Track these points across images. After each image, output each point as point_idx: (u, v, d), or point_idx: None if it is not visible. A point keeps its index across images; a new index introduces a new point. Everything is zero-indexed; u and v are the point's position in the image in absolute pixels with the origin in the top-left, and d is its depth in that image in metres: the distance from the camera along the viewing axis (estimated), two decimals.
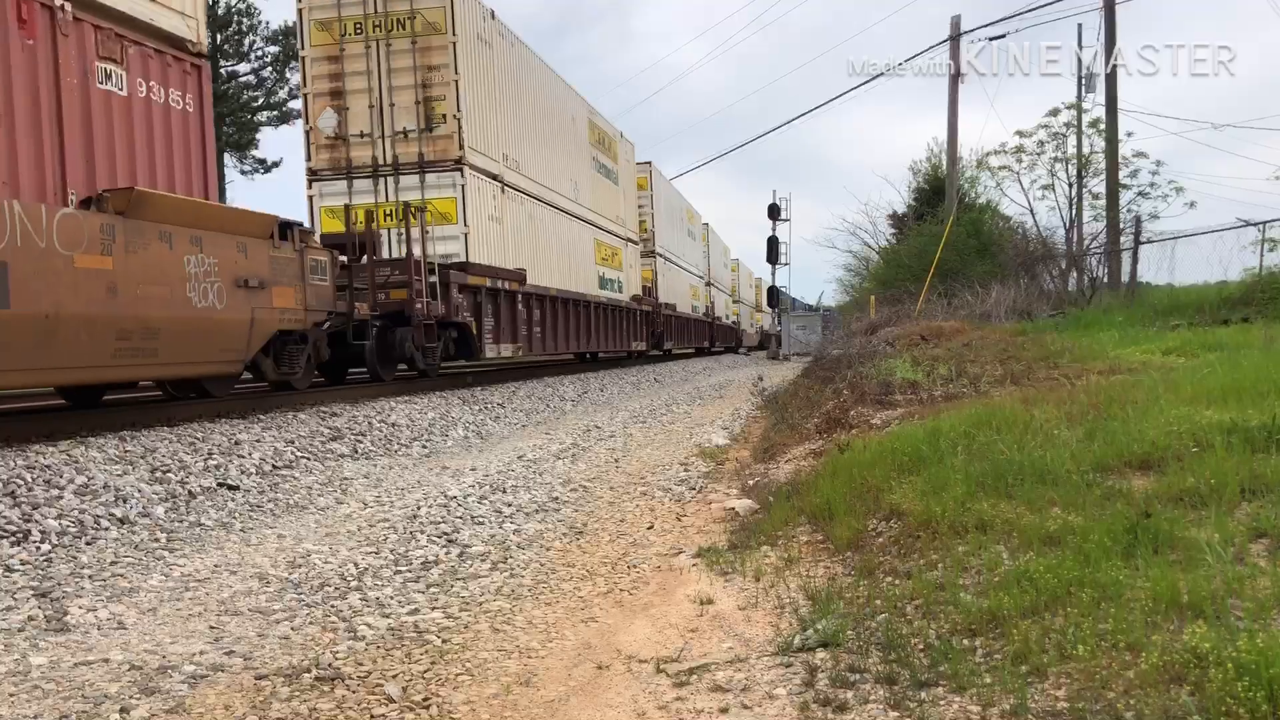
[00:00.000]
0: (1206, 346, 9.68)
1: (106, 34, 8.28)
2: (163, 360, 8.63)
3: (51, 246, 7.21)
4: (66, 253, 7.34)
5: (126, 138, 8.55)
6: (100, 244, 7.70)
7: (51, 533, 5.53)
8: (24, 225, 6.98)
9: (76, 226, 7.47)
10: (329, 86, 15.31)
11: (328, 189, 15.45)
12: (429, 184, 15.10)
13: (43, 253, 7.12)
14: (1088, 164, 26.61)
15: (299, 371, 11.26)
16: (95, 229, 7.65)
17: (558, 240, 20.19)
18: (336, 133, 15.37)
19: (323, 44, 15.21)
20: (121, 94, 8.50)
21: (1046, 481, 4.49)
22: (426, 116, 15.01)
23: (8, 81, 7.34)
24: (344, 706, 3.20)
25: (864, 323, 25.91)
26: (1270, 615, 2.85)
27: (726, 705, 3.11)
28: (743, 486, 7.24)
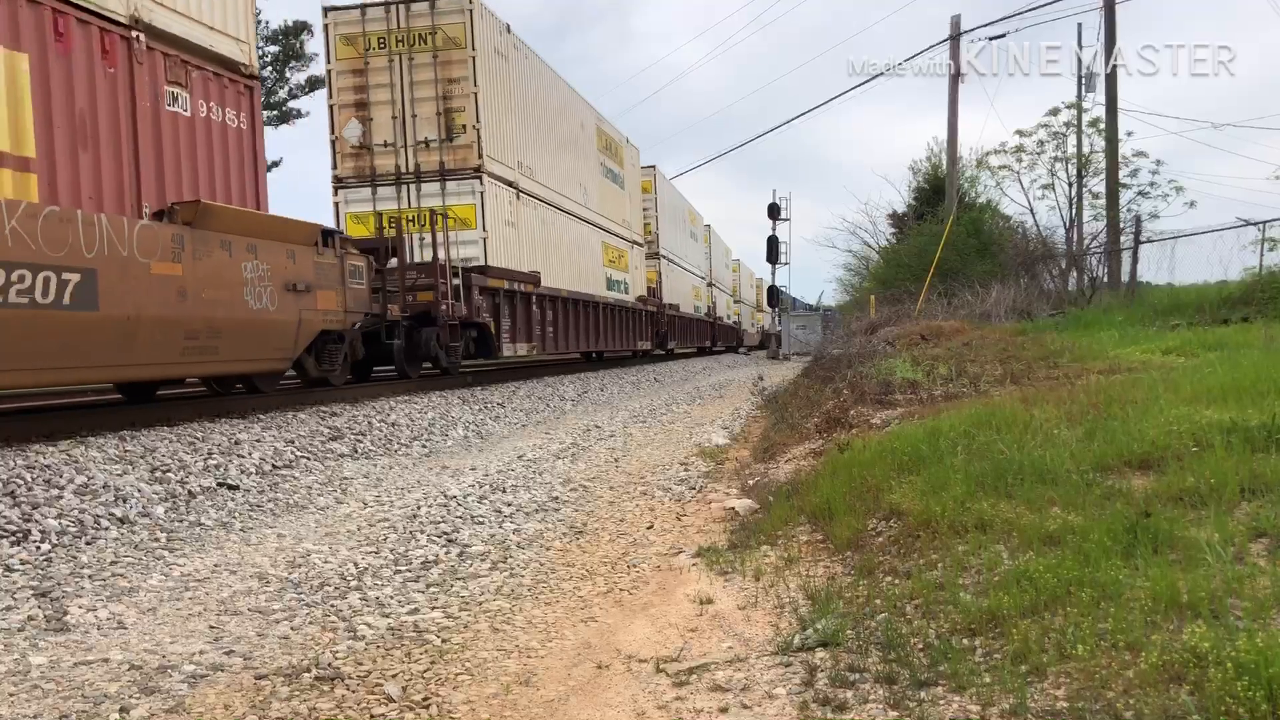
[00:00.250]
0: (1206, 346, 9.68)
1: (173, 60, 9.14)
2: (223, 358, 9.49)
3: (132, 255, 7.99)
4: (144, 260, 8.12)
5: (190, 154, 9.35)
6: (172, 252, 8.51)
7: (51, 532, 5.53)
8: (110, 236, 7.73)
9: (152, 236, 8.26)
10: (354, 98, 16.01)
11: (353, 196, 16.12)
12: (449, 191, 15.78)
13: (125, 261, 7.88)
14: (1088, 163, 26.62)
15: (337, 369, 12.15)
16: (168, 239, 8.47)
17: (568, 243, 20.88)
18: (361, 142, 16.04)
19: (348, 58, 15.92)
20: (185, 114, 9.33)
21: (1046, 481, 4.49)
22: (447, 127, 15.73)
23: (94, 107, 8.13)
24: (344, 706, 3.20)
25: (864, 322, 25.91)
26: (1270, 615, 2.85)
27: (726, 705, 3.11)
28: (743, 486, 7.24)
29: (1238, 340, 9.97)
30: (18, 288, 6.86)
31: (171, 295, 8.42)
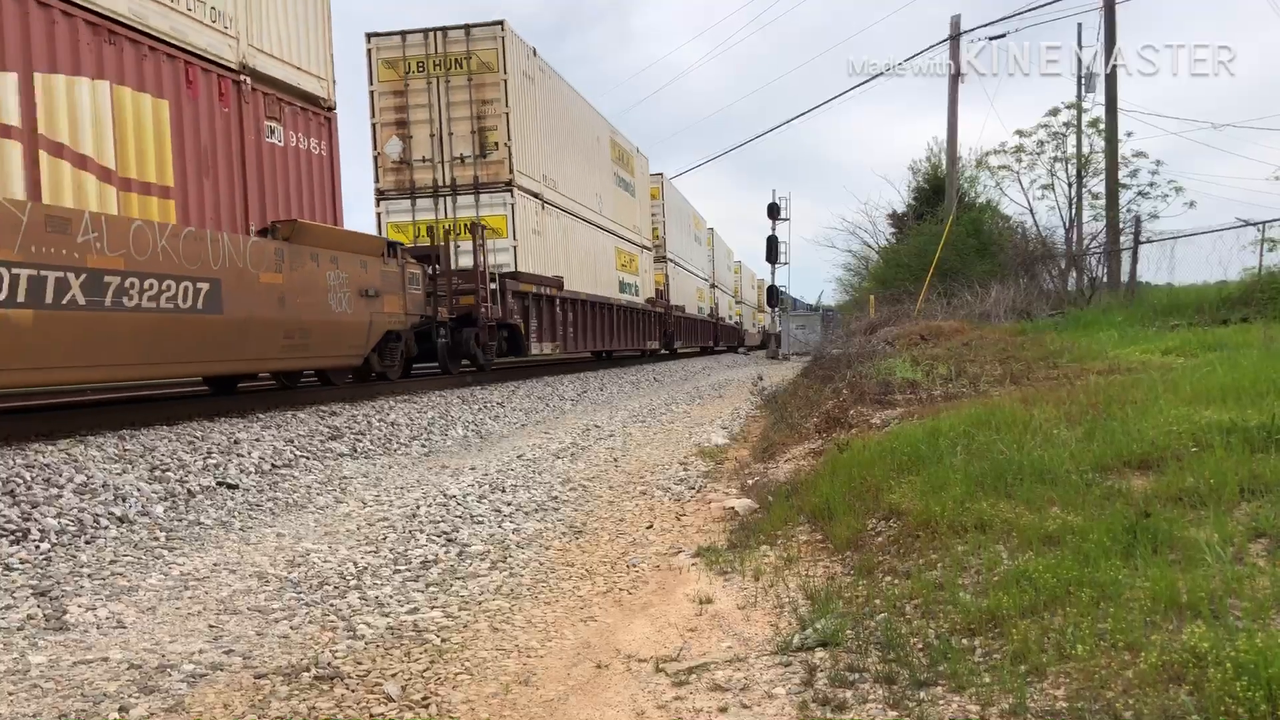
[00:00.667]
0: (1206, 346, 9.68)
1: (270, 98, 10.70)
2: (311, 355, 11.03)
3: (246, 267, 9.43)
4: (255, 271, 9.60)
5: (283, 178, 10.88)
6: (274, 264, 10.00)
7: (51, 531, 5.53)
8: (229, 251, 9.22)
9: (260, 251, 9.80)
10: (395, 117, 17.50)
11: (394, 207, 17.69)
12: (483, 203, 17.39)
13: (241, 272, 9.34)
14: (1087, 164, 26.63)
15: (396, 365, 13.56)
16: (271, 252, 9.99)
17: (585, 249, 22.36)
18: (401, 158, 17.55)
19: (389, 80, 17.41)
20: (280, 144, 10.87)
21: (1046, 481, 4.49)
22: (481, 144, 17.31)
23: (213, 141, 9.65)
24: (343, 705, 3.20)
25: (863, 322, 25.93)
26: (1269, 615, 2.85)
27: (725, 704, 3.11)
28: (742, 486, 7.24)
29: (1237, 341, 9.97)
30: (165, 295, 8.34)
31: (274, 301, 9.92)
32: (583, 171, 22.35)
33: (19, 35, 7.44)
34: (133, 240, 8.01)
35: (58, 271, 7.28)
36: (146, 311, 8.12)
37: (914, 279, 26.57)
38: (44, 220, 7.21)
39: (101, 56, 8.24)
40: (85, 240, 7.54)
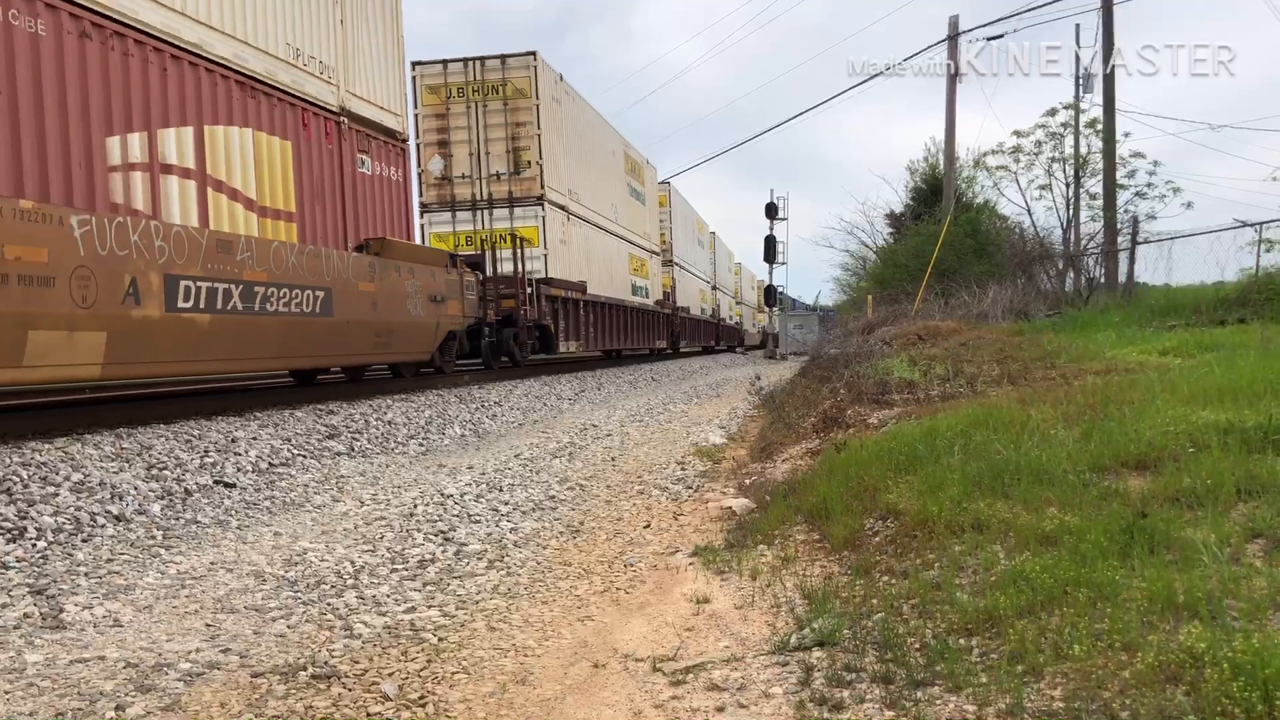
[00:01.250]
0: (1203, 347, 9.69)
1: (361, 134, 12.63)
2: (393, 351, 12.99)
3: (349, 278, 11.36)
4: (355, 281, 11.52)
5: (370, 202, 12.80)
6: (368, 275, 11.89)
7: (47, 530, 5.52)
8: (337, 264, 11.20)
9: (358, 264, 11.71)
10: (436, 138, 19.36)
11: (436, 219, 19.57)
12: (517, 216, 19.28)
13: (345, 281, 11.26)
14: (1085, 164, 26.66)
15: (452, 360, 15.55)
16: (365, 265, 11.88)
17: (603, 256, 24.30)
18: (443, 174, 19.40)
19: (432, 104, 19.26)
20: (367, 173, 12.83)
21: (1043, 481, 4.50)
22: (515, 162, 19.19)
23: (321, 173, 11.60)
24: (340, 704, 3.20)
25: (861, 322, 25.92)
26: (1266, 615, 2.85)
27: (723, 704, 3.11)
28: (739, 486, 7.24)
29: (1234, 341, 9.98)
30: (294, 301, 10.18)
31: (369, 306, 11.78)
32: (601, 184, 24.31)
33: (195, 97, 9.35)
34: (272, 257, 9.92)
35: (224, 284, 9.10)
36: (281, 315, 10.02)
37: (911, 279, 26.59)
38: (215, 243, 9.05)
39: (246, 109, 10.17)
40: (241, 258, 9.38)
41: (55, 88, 7.76)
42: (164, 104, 8.94)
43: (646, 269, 29.80)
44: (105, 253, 7.73)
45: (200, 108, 9.41)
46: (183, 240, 8.63)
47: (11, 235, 6.85)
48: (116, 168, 8.40)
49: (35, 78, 7.56)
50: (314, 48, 11.51)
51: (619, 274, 25.88)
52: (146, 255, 8.17)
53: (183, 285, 8.60)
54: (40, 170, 7.60)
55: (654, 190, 32.49)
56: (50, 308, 7.22)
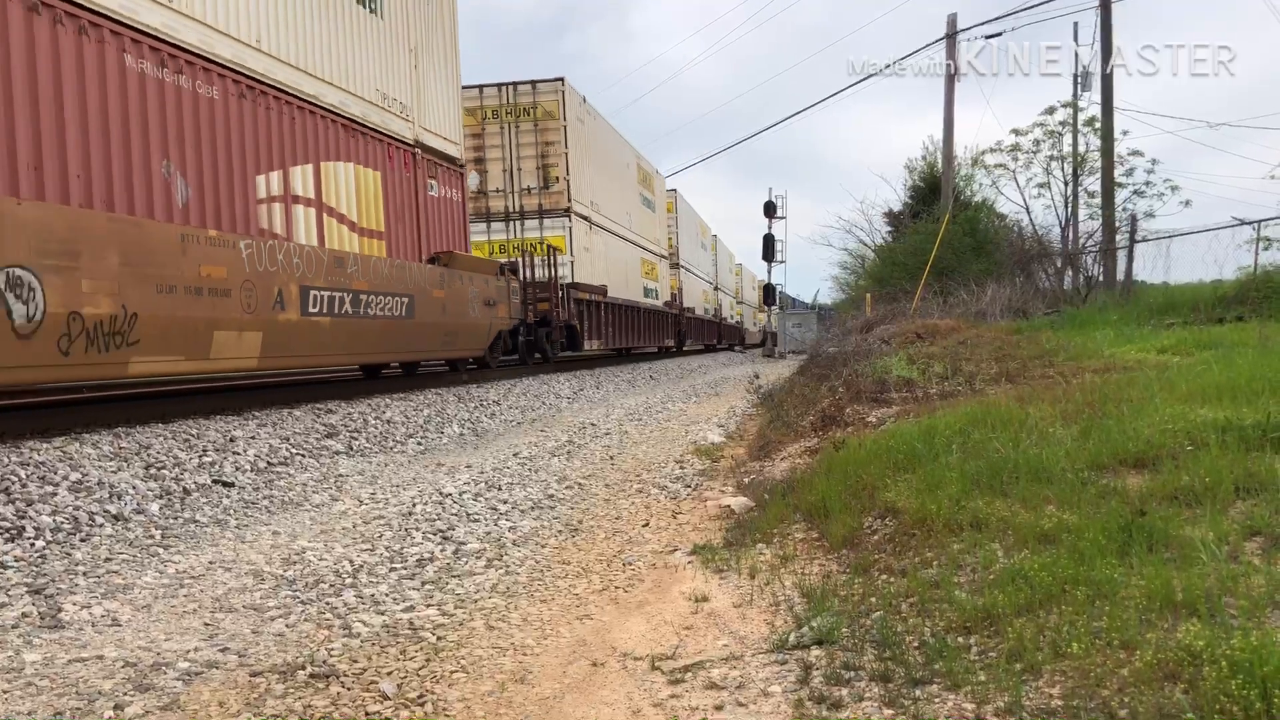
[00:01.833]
0: (1201, 345, 9.70)
1: (430, 162, 14.80)
2: (456, 348, 15.32)
3: (425, 286, 13.46)
4: (429, 289, 13.61)
5: (437, 220, 15.02)
6: (439, 283, 14.04)
7: (46, 529, 5.52)
8: (416, 275, 13.33)
9: (432, 274, 13.93)
10: (473, 155, 20.76)
11: (472, 229, 20.55)
12: (546, 226, 21.29)
13: (423, 289, 13.37)
14: (1083, 162, 26.71)
15: (498, 356, 17.47)
16: (437, 275, 14.07)
17: (620, 261, 26.49)
18: (479, 189, 21.09)
19: (469, 125, 20.37)
20: (434, 195, 14.97)
21: (1041, 480, 4.50)
22: (544, 178, 21.27)
23: (402, 197, 13.66)
24: (339, 703, 3.20)
25: (860, 321, 25.93)
26: (1264, 613, 2.85)
27: (721, 702, 3.11)
28: (738, 484, 7.24)
29: (1233, 339, 9.99)
30: (388, 306, 12.29)
31: (440, 310, 13.93)
32: (618, 194, 26.56)
33: (313, 139, 11.40)
34: (371, 270, 12.00)
35: (339, 292, 11.18)
36: (379, 317, 12.07)
37: (910, 278, 26.60)
38: (332, 259, 11.16)
39: (348, 146, 12.22)
40: (350, 271, 11.52)
41: (224, 139, 9.77)
42: (293, 146, 11.01)
43: (656, 272, 32.01)
44: (261, 269, 9.76)
45: (317, 148, 11.51)
46: (310, 257, 10.72)
47: (204, 258, 8.87)
48: (262, 200, 10.45)
49: (211, 133, 9.57)
50: (396, 91, 13.66)
51: (633, 278, 28.09)
52: (287, 270, 10.24)
53: (312, 294, 10.68)
54: (215, 204, 9.61)
55: (663, 197, 34.59)
56: (227, 313, 9.25)
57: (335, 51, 11.90)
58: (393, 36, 13.52)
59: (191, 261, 8.71)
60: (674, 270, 36.07)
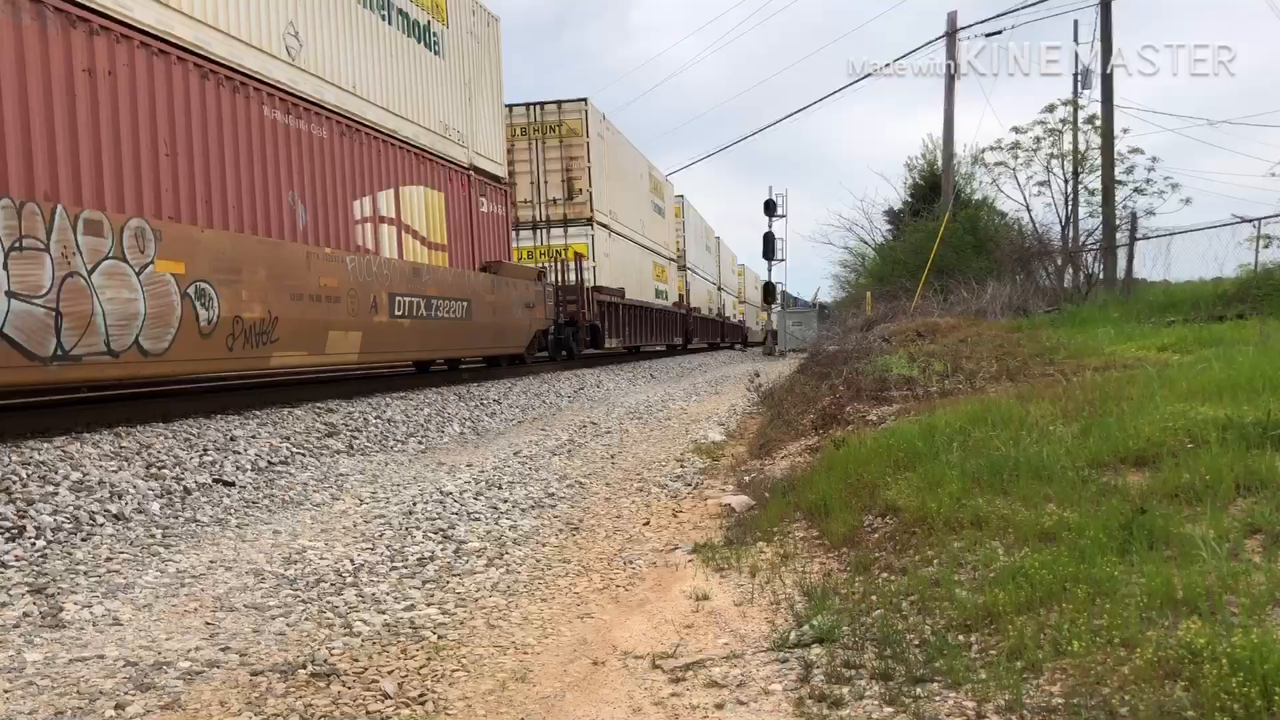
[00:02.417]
0: (1202, 343, 9.69)
1: (480, 182, 16.75)
2: (503, 346, 17.43)
3: (479, 291, 15.63)
4: (482, 293, 15.77)
5: (486, 233, 16.90)
6: (490, 288, 16.17)
7: (46, 529, 5.52)
8: (473, 282, 15.50)
9: (485, 280, 16.06)
10: None
11: None
12: (570, 234, 23.11)
13: (478, 293, 15.56)
14: (1084, 160, 26.69)
15: (533, 352, 19.27)
16: (489, 281, 16.19)
17: (635, 265, 28.43)
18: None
19: None
20: (484, 211, 16.90)
21: (1042, 478, 4.50)
22: (569, 190, 23.02)
23: (459, 214, 15.64)
24: (339, 702, 3.20)
25: (860, 319, 25.93)
26: (1265, 611, 2.85)
27: (722, 701, 3.11)
28: (739, 483, 7.24)
29: (1233, 337, 9.98)
30: (452, 309, 14.40)
31: (491, 312, 16.11)
32: (633, 203, 28.51)
33: (393, 168, 13.35)
34: (439, 278, 14.17)
35: (416, 298, 13.22)
36: (445, 319, 14.19)
37: (910, 276, 26.59)
38: (411, 270, 13.28)
39: (419, 172, 14.18)
40: (424, 279, 13.61)
41: (330, 172, 11.67)
42: (379, 174, 12.90)
43: (666, 275, 34.10)
44: (360, 279, 11.80)
45: (396, 174, 13.43)
46: (395, 268, 12.85)
47: (322, 270, 10.94)
48: (358, 220, 12.36)
49: (321, 166, 11.45)
50: (454, 121, 15.69)
51: (646, 280, 30.15)
52: (379, 280, 12.27)
53: (396, 299, 12.65)
54: (325, 226, 11.52)
55: (671, 204, 36.79)
56: (337, 316, 11.29)
57: (409, 90, 13.96)
58: (451, 74, 15.64)
59: (314, 274, 10.76)
60: (681, 272, 37.80)
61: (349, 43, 12.19)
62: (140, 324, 8.15)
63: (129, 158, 8.40)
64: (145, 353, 8.22)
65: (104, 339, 7.74)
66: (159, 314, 8.36)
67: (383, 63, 13.11)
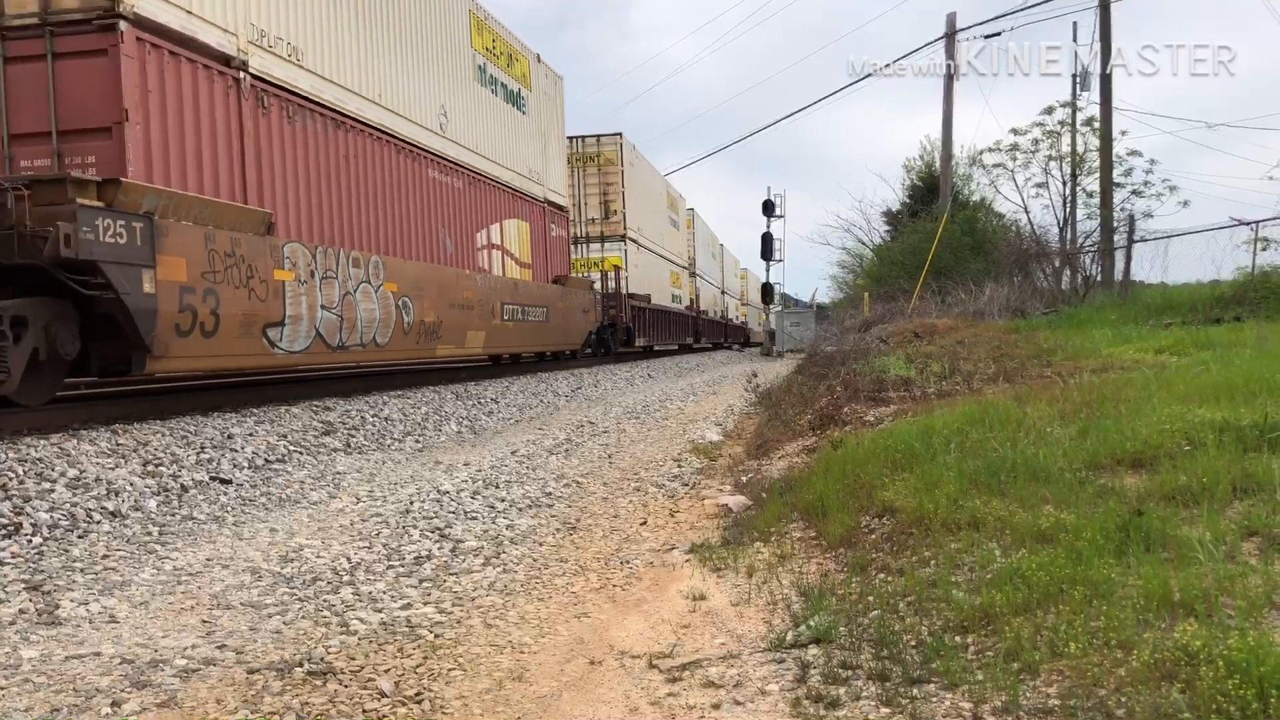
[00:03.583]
0: (1199, 345, 9.70)
1: (552, 212, 20.81)
2: (568, 341, 21.66)
3: (554, 299, 20.04)
4: (555, 300, 20.08)
5: (554, 252, 20.98)
6: (560, 297, 20.44)
7: (43, 526, 5.52)
8: (550, 293, 19.99)
9: (556, 291, 20.36)
10: None
11: None
12: (606, 249, 27.15)
13: (553, 302, 19.95)
14: (1082, 162, 26.70)
15: (584, 350, 23.69)
16: (559, 292, 20.45)
17: (656, 274, 32.33)
18: None
19: None
20: (553, 235, 20.94)
21: (1039, 479, 4.50)
22: (605, 211, 27.04)
23: (538, 238, 19.69)
24: (336, 701, 3.20)
25: (858, 319, 25.94)
26: (1261, 613, 2.86)
27: (719, 701, 3.11)
28: (736, 483, 7.24)
29: (1230, 339, 9.99)
30: (536, 314, 18.72)
31: (561, 315, 20.42)
32: (655, 219, 32.47)
33: (498, 206, 17.65)
34: (528, 290, 18.55)
35: (516, 305, 17.67)
36: (532, 322, 18.63)
37: (908, 277, 26.61)
38: (512, 284, 17.71)
39: (513, 207, 18.44)
40: (520, 291, 18.01)
41: (463, 213, 16.05)
42: (490, 211, 17.29)
43: (680, 281, 38.17)
44: (484, 292, 16.19)
45: (499, 211, 17.77)
46: (503, 283, 17.40)
47: (464, 287, 15.28)
48: (479, 248, 16.72)
49: (458, 210, 15.77)
50: (534, 165, 19.75)
51: (665, 287, 34.23)
52: (495, 292, 16.74)
53: (505, 307, 17.19)
54: (461, 253, 15.80)
55: (684, 217, 40.75)
56: (472, 320, 15.58)
57: (507, 145, 18.18)
58: (532, 127, 19.73)
59: (460, 289, 15.09)
60: (692, 278, 41.66)
61: (473, 113, 16.50)
62: (376, 325, 12.15)
63: (368, 211, 12.55)
64: (378, 344, 12.27)
65: (360, 335, 11.75)
66: (384, 318, 12.37)
67: (492, 125, 17.48)
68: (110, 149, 8.39)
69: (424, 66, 14.43)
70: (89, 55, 8.35)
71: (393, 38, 13.40)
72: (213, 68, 9.61)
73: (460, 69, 15.95)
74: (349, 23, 12.16)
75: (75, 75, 8.37)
